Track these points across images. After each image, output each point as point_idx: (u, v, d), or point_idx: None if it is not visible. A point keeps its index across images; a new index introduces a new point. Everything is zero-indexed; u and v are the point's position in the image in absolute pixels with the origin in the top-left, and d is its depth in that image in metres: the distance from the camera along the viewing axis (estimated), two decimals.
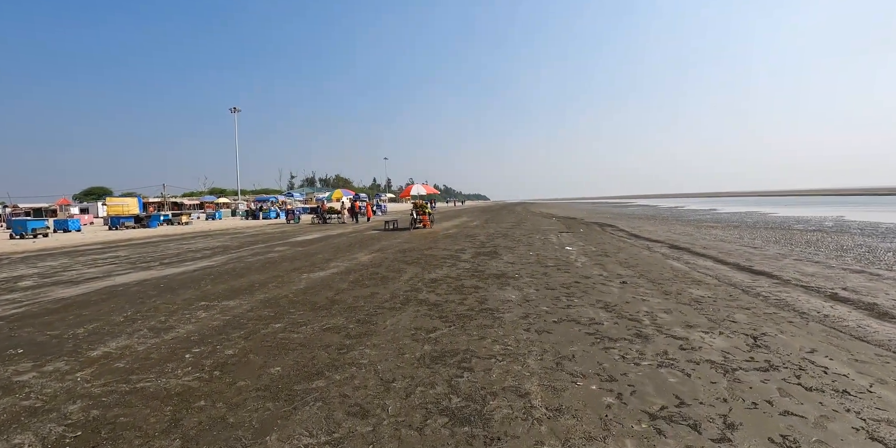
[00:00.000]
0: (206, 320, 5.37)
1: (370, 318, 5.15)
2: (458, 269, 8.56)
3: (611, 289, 6.58)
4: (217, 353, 4.16)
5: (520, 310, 5.39)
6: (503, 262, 9.48)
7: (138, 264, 10.89)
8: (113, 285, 8.05)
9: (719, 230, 18.94)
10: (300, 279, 7.94)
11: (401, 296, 6.32)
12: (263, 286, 7.38)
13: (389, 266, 9.22)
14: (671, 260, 9.81)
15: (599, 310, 5.35)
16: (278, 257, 11.32)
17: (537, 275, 7.81)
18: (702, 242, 13.74)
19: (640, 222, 25.46)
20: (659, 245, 12.92)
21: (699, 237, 15.65)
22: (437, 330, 4.62)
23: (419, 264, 9.34)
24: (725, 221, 25.11)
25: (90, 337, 4.90)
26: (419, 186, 21.02)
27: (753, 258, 10.23)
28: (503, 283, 7.14)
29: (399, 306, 5.70)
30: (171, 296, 6.92)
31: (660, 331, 4.51)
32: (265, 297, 6.56)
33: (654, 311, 5.31)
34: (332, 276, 8.13)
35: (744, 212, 37.22)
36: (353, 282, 7.52)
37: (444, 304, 5.78)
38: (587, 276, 7.58)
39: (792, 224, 22.00)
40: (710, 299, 5.96)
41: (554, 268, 8.54)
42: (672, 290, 6.45)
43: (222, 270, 9.30)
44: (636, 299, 5.89)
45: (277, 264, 9.96)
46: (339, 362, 3.80)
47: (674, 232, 18.14)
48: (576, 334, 4.40)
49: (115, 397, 3.33)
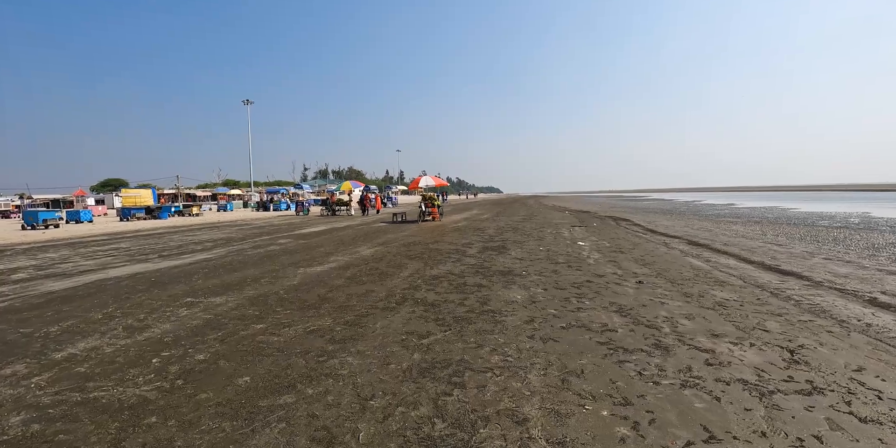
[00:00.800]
0: (186, 319, 4.99)
1: (360, 320, 4.71)
2: (463, 265, 8.09)
3: (626, 289, 6.05)
4: (186, 358, 3.77)
5: (525, 312, 4.90)
6: (511, 257, 8.99)
7: (136, 257, 10.62)
8: (104, 279, 7.76)
9: (740, 226, 18.16)
10: (295, 274, 7.55)
11: (397, 294, 5.88)
12: (255, 282, 7.00)
13: (391, 261, 8.78)
14: (690, 257, 9.22)
15: (613, 314, 4.84)
16: (279, 250, 10.97)
17: (546, 272, 7.31)
18: (722, 239, 13.07)
19: (656, 217, 24.69)
20: (677, 241, 12.28)
21: (719, 233, 14.95)
22: (430, 335, 4.17)
23: (422, 259, 8.89)
24: (745, 217, 24.21)
25: (61, 336, 4.55)
26: (428, 178, 20.49)
27: (779, 256, 9.59)
28: (509, 281, 6.65)
29: (393, 306, 5.26)
30: (159, 291, 6.58)
31: (682, 341, 4.00)
32: (254, 293, 6.18)
33: (675, 316, 4.78)
34: (328, 272, 7.72)
35: (763, 207, 36.05)
36: (349, 278, 7.10)
37: (442, 304, 5.32)
38: (600, 275, 7.05)
39: (816, 220, 21.09)
40: (736, 303, 5.41)
41: (565, 265, 8.02)
42: (693, 292, 5.91)
43: (218, 264, 8.96)
44: (654, 302, 5.36)
45: (276, 258, 9.60)
46: (315, 372, 3.37)
47: (692, 227, 17.42)
48: (586, 343, 3.91)
49: (63, 409, 2.95)
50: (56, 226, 23.98)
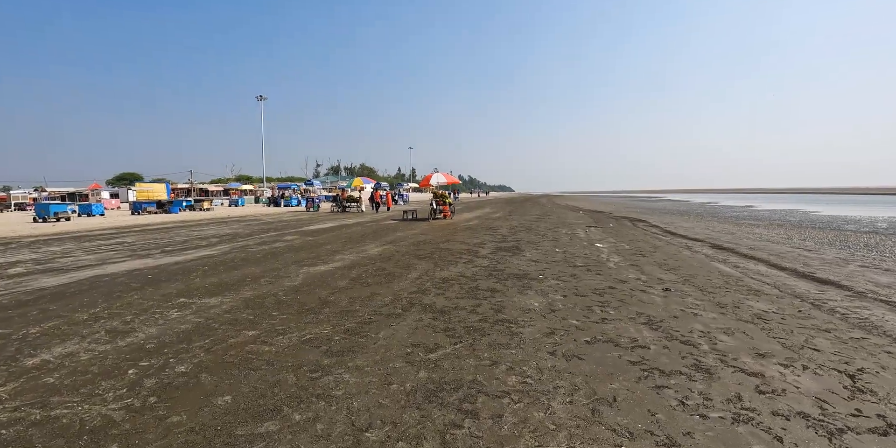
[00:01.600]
0: (175, 322, 4.61)
1: (361, 328, 4.28)
2: (475, 267, 7.63)
3: (652, 298, 5.55)
4: (165, 370, 3.37)
5: (544, 323, 4.44)
6: (525, 259, 8.51)
7: (139, 252, 10.34)
8: (100, 275, 7.44)
9: (762, 229, 17.45)
10: (298, 274, 7.15)
11: (404, 299, 5.44)
12: (255, 281, 6.62)
13: (399, 261, 8.35)
14: (717, 262, 8.66)
15: (642, 326, 4.35)
16: (284, 247, 10.61)
17: (564, 276, 6.82)
18: (747, 242, 12.44)
19: (674, 218, 23.97)
20: (699, 244, 11.69)
21: (742, 236, 14.30)
22: (438, 348, 3.72)
23: (432, 260, 8.45)
24: (766, 219, 23.40)
25: (39, 339, 4.20)
26: (439, 175, 20.00)
27: (811, 263, 8.99)
28: (525, 285, 6.18)
29: (399, 313, 4.82)
30: (153, 289, 6.23)
31: (724, 361, 3.51)
32: (252, 294, 5.79)
33: (711, 330, 4.28)
34: (333, 272, 7.31)
35: (784, 209, 35.02)
36: (354, 279, 6.68)
37: (452, 311, 4.87)
38: (622, 280, 6.55)
39: (841, 224, 20.25)
40: (776, 316, 4.89)
41: (583, 268, 7.52)
42: (727, 302, 5.39)
43: (219, 261, 8.61)
44: (686, 313, 4.86)
45: (280, 255, 9.23)
46: (306, 392, 2.94)
47: (713, 229, 16.76)
48: (615, 362, 3.43)
49: (18, 430, 2.57)
50: (67, 218, 23.99)
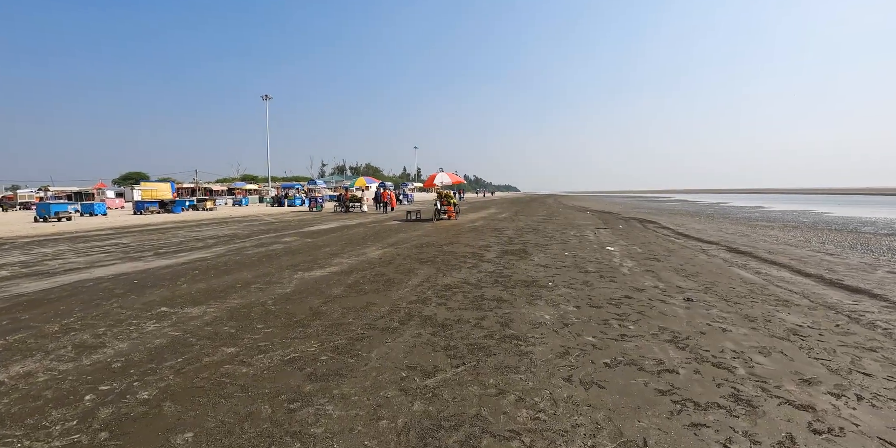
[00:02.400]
0: (149, 336, 4.20)
1: (352, 346, 3.85)
2: (480, 273, 7.19)
3: (674, 309, 5.08)
4: (126, 397, 2.96)
5: (556, 340, 3.98)
6: (534, 264, 8.05)
7: (132, 254, 9.97)
8: (85, 279, 7.07)
9: (777, 231, 16.87)
10: (291, 279, 6.74)
11: (402, 309, 5.00)
12: (245, 288, 6.21)
13: (400, 265, 7.92)
14: (736, 267, 8.16)
15: (667, 345, 3.89)
16: (281, 249, 10.21)
17: (576, 284, 6.36)
18: (764, 245, 11.90)
19: (684, 219, 23.38)
20: (715, 247, 11.17)
21: (758, 239, 13.74)
22: (438, 372, 3.28)
23: (434, 264, 8.01)
24: (779, 221, 22.77)
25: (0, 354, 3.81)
26: (444, 175, 19.51)
27: (837, 269, 8.46)
28: (534, 294, 5.72)
29: (396, 326, 4.38)
30: (136, 296, 5.83)
31: (765, 389, 3.04)
32: (239, 303, 5.37)
33: (745, 349, 3.81)
34: (329, 277, 6.89)
35: (796, 210, 34.25)
36: (350, 286, 6.25)
37: (454, 324, 4.43)
38: (639, 288, 6.08)
39: (857, 226, 19.60)
40: (812, 331, 4.41)
41: (596, 275, 7.05)
42: (756, 315, 4.91)
43: (212, 264, 8.22)
44: (713, 328, 4.39)
45: (276, 259, 8.82)
46: (280, 430, 2.51)
47: (726, 231, 16.20)
48: (641, 391, 2.98)
49: None
50: (69, 218, 23.77)
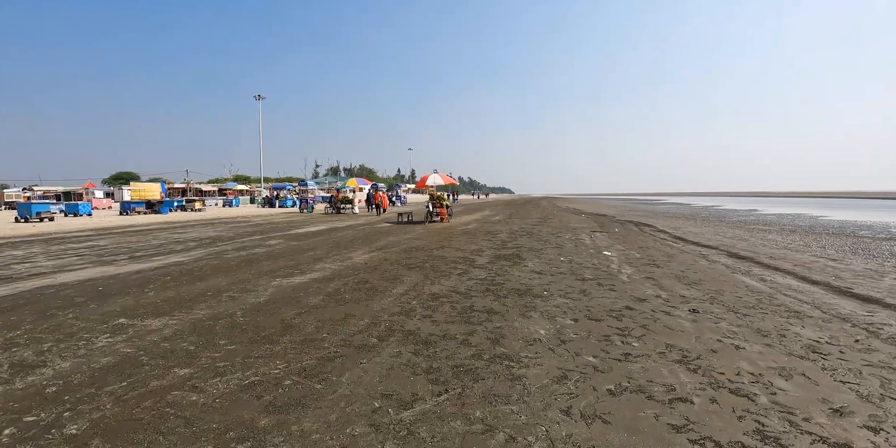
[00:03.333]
0: (98, 354, 3.73)
1: (322, 367, 3.40)
2: (470, 280, 6.76)
3: (679, 321, 4.68)
4: (51, 432, 2.51)
5: (553, 360, 3.55)
6: (528, 270, 7.63)
7: (105, 257, 9.47)
8: (47, 286, 6.58)
9: (776, 235, 16.58)
10: (268, 287, 6.28)
11: (383, 322, 4.56)
12: (216, 296, 5.75)
13: (386, 271, 7.48)
14: (740, 274, 7.79)
15: (675, 365, 3.47)
16: (264, 253, 9.73)
17: (573, 293, 5.94)
18: (764, 250, 11.57)
19: (680, 222, 23.10)
20: (715, 252, 10.81)
21: (757, 243, 13.42)
22: (416, 402, 2.84)
23: (423, 270, 7.57)
24: (776, 224, 22.54)
25: None
26: (436, 176, 19.05)
27: (843, 276, 8.11)
28: (527, 305, 5.30)
29: (373, 344, 3.94)
30: (96, 306, 5.36)
31: (793, 422, 2.63)
32: (205, 314, 4.91)
33: (763, 371, 3.41)
34: (308, 284, 6.44)
35: (791, 214, 34.09)
36: (329, 294, 5.80)
37: (439, 341, 3.99)
38: (640, 298, 5.67)
39: (855, 230, 19.39)
40: (832, 348, 4.02)
41: (594, 282, 6.65)
42: (769, 329, 4.51)
43: (186, 270, 7.74)
44: (724, 345, 3.98)
45: (256, 263, 8.35)
46: None
47: (724, 235, 15.89)
48: (652, 427, 2.56)
49: None
50: (51, 219, 23.12)
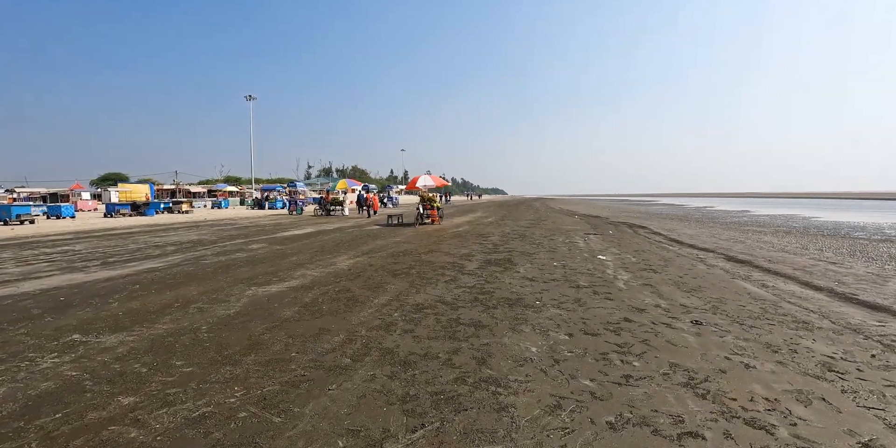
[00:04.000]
0: (38, 377, 3.32)
1: (285, 395, 3.01)
2: (458, 288, 6.38)
3: (683, 336, 4.33)
4: None
5: (545, 385, 3.18)
6: (519, 276, 7.27)
7: (77, 263, 8.99)
8: (7, 296, 6.15)
9: (771, 236, 16.35)
10: (241, 297, 5.87)
11: (360, 339, 4.17)
12: (183, 307, 5.33)
13: (369, 278, 7.08)
14: (740, 279, 7.47)
15: (682, 390, 3.12)
16: (243, 259, 9.30)
17: (567, 303, 5.58)
18: (762, 253, 11.30)
19: (674, 224, 22.87)
20: (712, 256, 10.52)
21: (754, 246, 13.16)
22: (387, 441, 2.44)
23: (409, 277, 7.19)
24: (770, 226, 22.35)
25: None
26: (426, 177, 18.60)
27: (845, 280, 7.83)
28: (518, 317, 4.93)
29: (346, 364, 3.55)
30: (52, 319, 4.93)
31: None
32: (167, 329, 4.50)
33: (778, 396, 3.06)
34: (285, 294, 6.03)
35: (783, 215, 33.99)
36: (306, 305, 5.40)
37: (419, 362, 3.60)
38: (639, 308, 5.32)
39: (849, 231, 19.22)
40: (849, 365, 3.68)
41: (589, 290, 6.30)
42: (778, 343, 4.18)
43: (158, 277, 7.31)
44: (733, 363, 3.63)
45: (233, 270, 7.92)
46: None
47: (719, 237, 15.63)
48: None
49: None
50: (32, 221, 22.47)
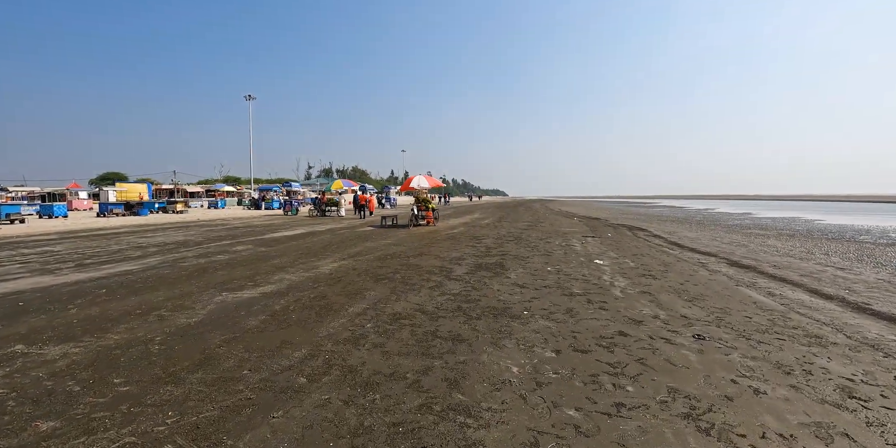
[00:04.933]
0: None
1: (221, 423, 2.60)
2: (442, 295, 5.96)
3: (682, 353, 3.90)
4: None
5: (522, 416, 2.76)
6: (509, 282, 6.85)
7: (49, 265, 8.60)
8: None
9: (774, 240, 15.91)
10: (209, 303, 5.46)
11: (323, 354, 3.75)
12: (144, 315, 4.93)
13: (350, 283, 6.67)
14: (744, 287, 7.05)
15: (682, 423, 2.70)
16: (224, 261, 8.89)
17: (558, 313, 5.15)
18: (767, 258, 10.86)
19: (675, 226, 22.43)
20: (714, 260, 10.09)
21: (757, 250, 12.72)
22: None
23: (391, 283, 6.77)
24: (774, 229, 21.89)
25: None
26: (421, 178, 18.10)
27: (856, 288, 7.40)
28: (502, 329, 4.51)
29: (301, 385, 3.13)
30: (1, 326, 4.53)
31: None
32: (118, 340, 4.09)
33: (794, 430, 2.64)
34: (256, 300, 5.62)
35: (785, 217, 33.51)
36: (274, 314, 4.99)
37: (383, 383, 3.18)
38: (636, 320, 4.90)
39: (854, 235, 18.77)
40: (870, 390, 3.26)
41: (582, 298, 5.88)
42: (790, 362, 3.75)
43: (128, 281, 6.91)
44: (741, 388, 3.21)
45: (208, 273, 7.51)
46: None
47: (721, 240, 15.19)
48: None
49: None
50: (22, 221, 22.11)
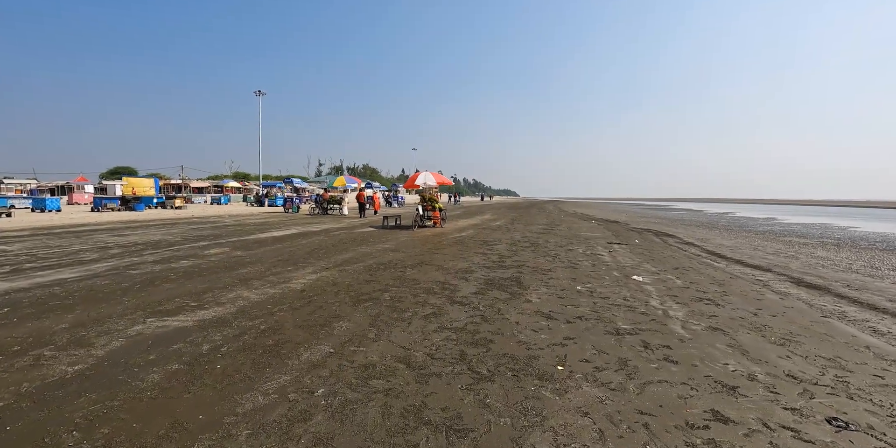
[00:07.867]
0: None
1: None
2: (441, 332, 4.39)
3: None
4: None
5: None
6: (531, 310, 5.25)
7: None
8: None
9: (821, 250, 14.08)
10: (118, 337, 3.95)
11: None
12: (19, 355, 3.45)
13: (320, 307, 5.12)
14: (835, 319, 5.39)
15: None
16: (183, 270, 7.40)
17: (608, 369, 3.54)
18: (831, 275, 9.13)
19: (703, 232, 20.60)
20: (772, 276, 8.38)
21: (812, 263, 10.96)
22: None
23: (376, 306, 5.21)
24: (811, 236, 19.94)
25: None
26: (427, 174, 16.44)
27: None
28: (527, 407, 2.91)
29: None
30: None
31: None
32: None
33: None
34: (183, 333, 4.10)
35: (815, 223, 31.28)
36: (195, 360, 3.46)
37: None
38: (725, 384, 3.28)
39: None
40: None
41: (635, 339, 4.26)
42: None
43: (47, 295, 5.47)
44: None
45: (152, 287, 6.02)
46: None
47: (764, 251, 13.42)
48: None
49: None
50: (8, 214, 21.04)
